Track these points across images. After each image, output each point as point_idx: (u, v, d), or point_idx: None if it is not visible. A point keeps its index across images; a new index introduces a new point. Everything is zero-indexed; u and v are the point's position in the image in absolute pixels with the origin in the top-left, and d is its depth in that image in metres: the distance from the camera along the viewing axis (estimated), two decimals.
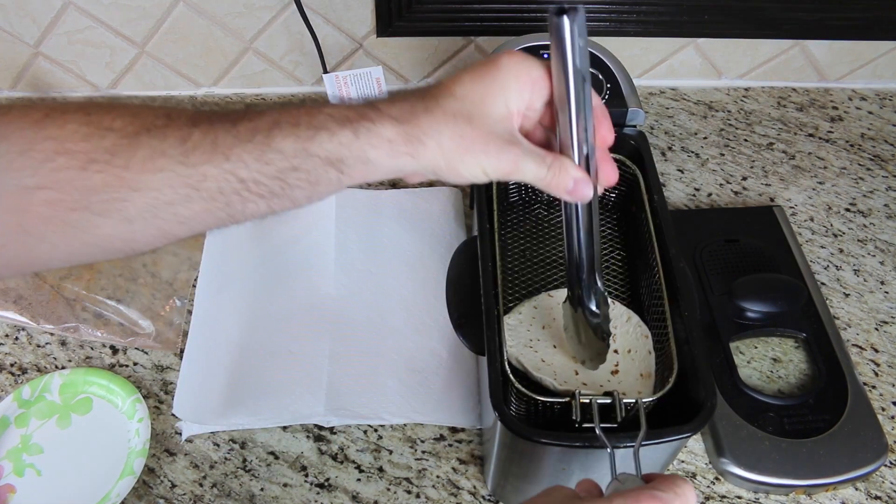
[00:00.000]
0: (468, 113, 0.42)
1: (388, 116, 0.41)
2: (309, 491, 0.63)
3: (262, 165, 0.40)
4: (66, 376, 0.68)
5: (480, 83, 0.42)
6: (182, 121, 0.41)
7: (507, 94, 0.42)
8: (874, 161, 0.89)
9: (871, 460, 0.62)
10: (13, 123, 0.39)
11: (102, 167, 0.39)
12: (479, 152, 0.42)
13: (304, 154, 0.41)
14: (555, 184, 0.44)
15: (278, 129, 0.40)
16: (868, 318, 0.74)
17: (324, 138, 0.41)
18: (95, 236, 0.41)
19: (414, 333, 0.71)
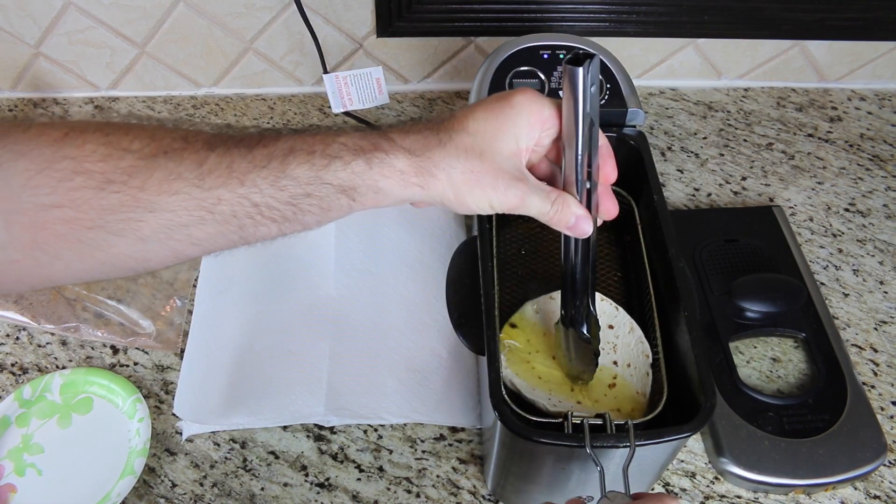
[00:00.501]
0: (480, 149, 0.43)
1: (401, 148, 0.43)
2: (309, 490, 0.63)
3: (276, 191, 0.41)
4: (67, 376, 0.68)
5: (494, 120, 0.44)
6: (199, 144, 0.41)
7: (517, 131, 0.44)
8: (873, 161, 0.89)
9: (870, 460, 0.62)
10: (33, 141, 0.39)
11: (119, 188, 0.40)
12: (488, 187, 0.44)
13: (318, 182, 0.42)
14: (556, 219, 0.46)
15: (293, 157, 0.41)
16: (867, 318, 0.74)
17: (337, 167, 0.42)
18: (110, 255, 0.41)
19: (414, 333, 0.71)
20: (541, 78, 0.68)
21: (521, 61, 0.69)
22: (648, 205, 0.63)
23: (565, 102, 0.43)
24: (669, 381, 0.54)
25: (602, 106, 0.67)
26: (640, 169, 0.65)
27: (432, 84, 0.96)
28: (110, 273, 0.43)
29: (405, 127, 0.45)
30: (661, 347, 0.57)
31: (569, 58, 0.41)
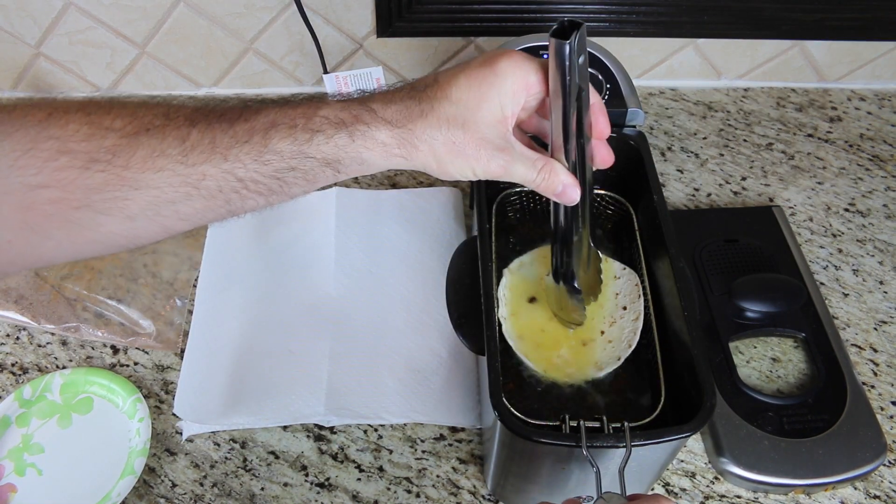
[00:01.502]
0: (462, 118, 0.43)
1: (383, 120, 0.42)
2: (309, 490, 0.63)
3: (260, 166, 0.41)
4: (67, 376, 0.68)
5: (477, 88, 0.43)
6: (180, 120, 0.41)
7: (502, 99, 0.43)
8: (873, 161, 0.89)
9: (869, 460, 0.62)
10: (17, 122, 0.39)
11: (104, 167, 0.40)
12: (471, 157, 0.43)
13: (301, 156, 0.42)
14: (544, 187, 0.46)
15: (275, 131, 0.41)
16: (867, 318, 0.74)
17: (320, 141, 0.42)
18: (99, 233, 0.41)
19: (414, 333, 0.71)
20: None
21: None
22: (648, 205, 0.63)
23: (552, 74, 0.42)
24: (669, 381, 0.55)
25: None
26: (640, 169, 0.65)
27: None
28: (102, 251, 0.43)
29: (387, 95, 0.44)
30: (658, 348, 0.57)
31: (554, 28, 0.40)
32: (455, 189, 0.83)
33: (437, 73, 0.45)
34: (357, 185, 0.85)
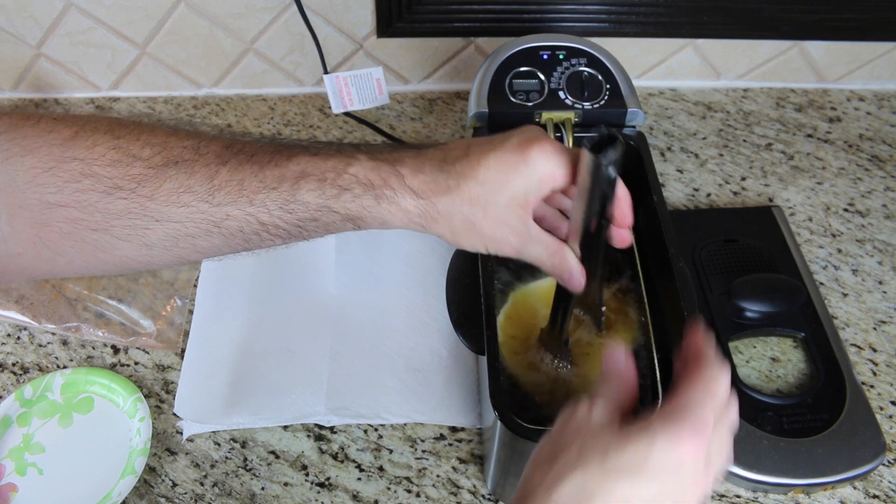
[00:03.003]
0: (485, 199, 0.43)
1: (410, 189, 0.43)
2: (309, 490, 0.63)
3: (285, 213, 0.42)
4: (68, 376, 0.68)
5: (505, 171, 0.43)
6: (210, 157, 0.41)
7: (528, 185, 0.43)
8: (872, 161, 0.89)
9: (869, 459, 0.62)
10: (41, 138, 0.39)
11: (127, 195, 0.40)
12: (486, 236, 0.44)
13: (327, 209, 0.42)
14: (552, 270, 0.46)
15: (305, 182, 0.41)
16: (866, 318, 0.74)
17: (347, 199, 0.42)
18: (113, 256, 0.41)
19: (414, 333, 0.71)
20: (541, 78, 0.68)
21: (521, 62, 0.69)
22: (648, 205, 0.63)
23: (582, 178, 0.42)
24: (668, 381, 0.55)
25: (602, 106, 0.67)
26: (639, 169, 0.65)
27: (432, 84, 0.97)
28: (112, 271, 0.43)
29: (417, 159, 0.44)
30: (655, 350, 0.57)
31: (593, 140, 0.39)
32: None
33: (470, 145, 0.44)
34: None
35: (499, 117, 0.67)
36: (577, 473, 0.34)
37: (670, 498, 0.34)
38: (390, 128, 0.92)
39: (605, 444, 0.35)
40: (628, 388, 0.40)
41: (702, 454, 0.34)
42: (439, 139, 0.91)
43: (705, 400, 0.36)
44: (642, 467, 0.34)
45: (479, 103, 0.68)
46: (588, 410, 0.38)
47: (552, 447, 0.37)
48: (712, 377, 0.37)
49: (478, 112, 0.67)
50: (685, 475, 0.34)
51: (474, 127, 0.69)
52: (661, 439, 0.34)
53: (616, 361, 0.41)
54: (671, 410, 0.36)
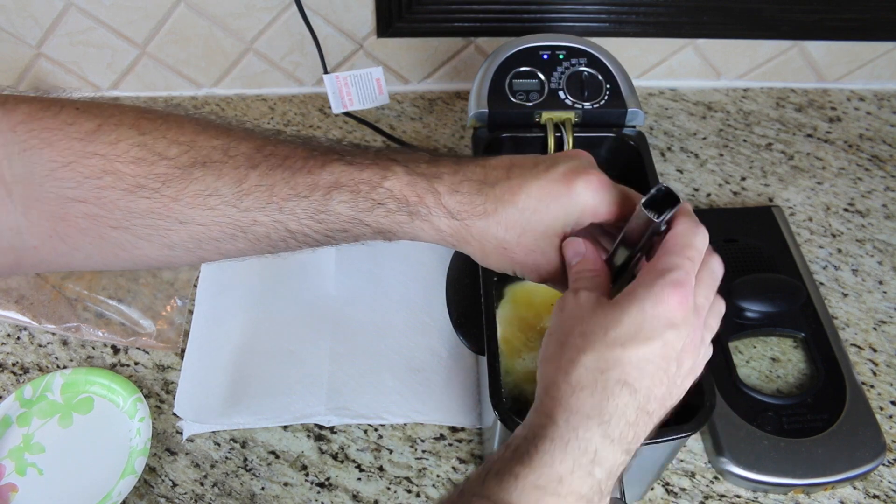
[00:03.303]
0: (521, 226, 0.42)
1: (445, 208, 0.41)
2: (309, 490, 0.63)
3: (314, 223, 0.40)
4: (68, 376, 0.68)
5: (546, 201, 0.41)
6: (240, 159, 0.40)
7: (567, 218, 0.42)
8: (872, 161, 0.89)
9: (869, 459, 0.62)
10: (62, 130, 0.38)
11: (150, 194, 0.38)
12: (517, 262, 0.43)
13: (358, 222, 0.41)
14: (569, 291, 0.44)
15: (338, 193, 0.40)
16: (866, 318, 0.74)
17: (380, 213, 0.41)
18: (133, 254, 0.40)
19: (414, 333, 0.71)
20: (541, 78, 0.68)
21: (521, 61, 0.69)
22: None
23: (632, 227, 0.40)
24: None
25: (602, 106, 0.67)
26: (639, 169, 0.65)
27: (432, 84, 0.96)
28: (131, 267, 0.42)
29: (456, 176, 0.42)
30: None
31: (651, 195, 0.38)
32: None
33: (512, 166, 0.43)
34: None
35: (499, 117, 0.67)
36: (587, 353, 0.37)
37: (674, 348, 0.37)
38: (390, 128, 0.92)
39: (603, 321, 0.37)
40: (599, 270, 0.41)
41: (688, 303, 0.36)
42: (439, 139, 0.91)
43: (682, 253, 0.37)
44: (640, 330, 0.36)
45: (479, 103, 0.68)
46: (575, 299, 0.39)
47: (556, 340, 0.39)
48: (684, 231, 0.38)
49: (478, 112, 0.67)
50: (681, 325, 0.36)
51: (474, 127, 0.69)
52: (649, 301, 0.36)
53: (576, 248, 0.42)
54: (651, 271, 0.37)
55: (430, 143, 0.90)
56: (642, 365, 0.36)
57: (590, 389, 0.36)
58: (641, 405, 0.37)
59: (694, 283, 0.37)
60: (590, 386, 0.36)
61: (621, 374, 0.36)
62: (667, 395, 0.38)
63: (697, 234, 0.38)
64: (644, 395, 0.36)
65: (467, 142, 0.90)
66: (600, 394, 0.36)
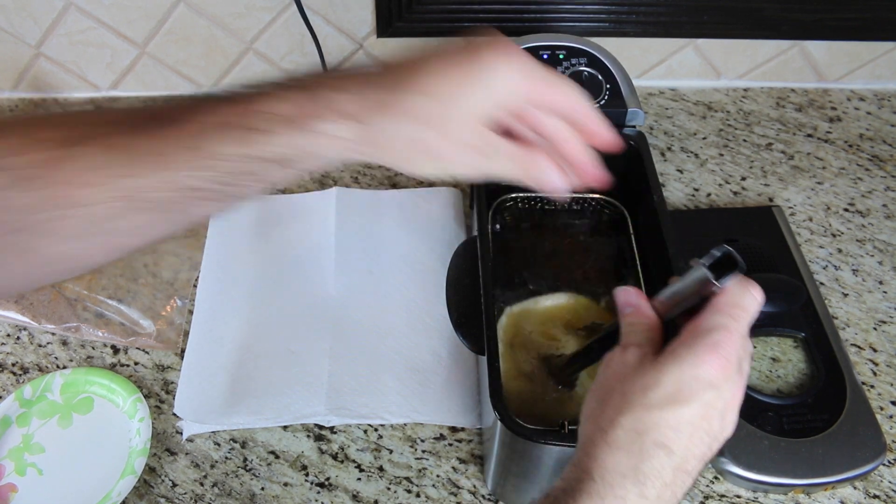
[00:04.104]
0: (431, 116, 0.37)
1: (338, 113, 0.37)
2: (309, 490, 0.63)
3: (205, 172, 0.37)
4: (68, 376, 0.68)
5: (455, 80, 0.37)
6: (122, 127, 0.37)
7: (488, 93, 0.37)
8: (872, 161, 0.89)
9: (869, 459, 0.62)
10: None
11: (38, 184, 0.36)
12: (444, 160, 0.39)
13: (250, 158, 0.37)
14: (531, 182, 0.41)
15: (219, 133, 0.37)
16: (867, 318, 0.74)
17: (269, 140, 0.37)
18: (44, 256, 0.38)
19: (414, 333, 0.71)
20: None
21: None
22: (648, 205, 0.63)
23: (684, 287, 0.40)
24: None
25: (602, 106, 0.67)
26: (639, 169, 0.65)
27: None
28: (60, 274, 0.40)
29: (345, 80, 0.38)
30: None
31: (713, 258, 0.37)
32: (455, 189, 0.83)
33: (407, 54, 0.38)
34: (357, 185, 0.85)
35: None
36: (625, 414, 0.37)
37: (716, 409, 0.37)
38: None
39: (644, 382, 0.37)
40: (651, 324, 0.41)
41: (730, 365, 0.36)
42: None
43: (728, 312, 0.37)
44: (679, 392, 0.36)
45: None
46: (621, 356, 0.39)
47: (599, 398, 0.39)
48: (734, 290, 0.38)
49: None
50: (721, 387, 0.36)
51: None
52: (688, 362, 0.36)
53: (628, 298, 0.42)
54: (693, 330, 0.37)
55: None
56: (680, 427, 0.36)
57: (626, 450, 0.36)
58: (679, 465, 0.36)
59: (738, 342, 0.37)
60: (626, 447, 0.36)
61: (658, 436, 0.36)
62: (706, 452, 0.38)
63: (747, 294, 0.38)
64: (681, 455, 0.36)
65: None
66: (637, 455, 0.36)
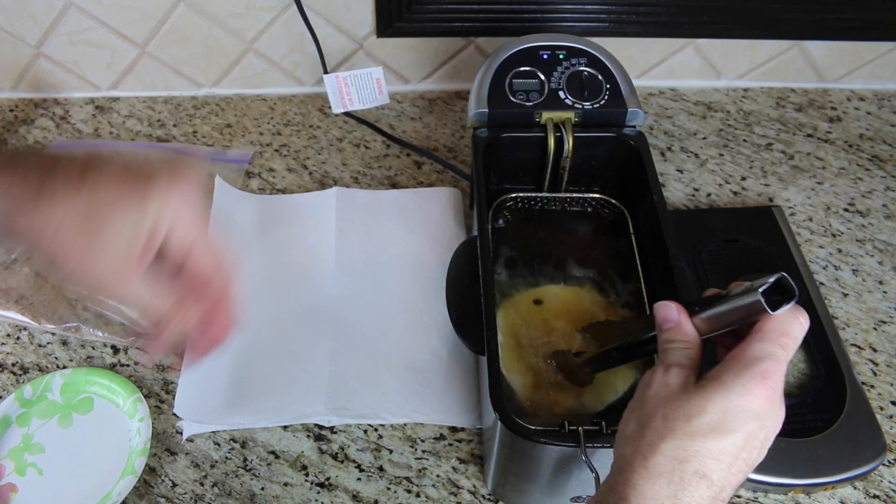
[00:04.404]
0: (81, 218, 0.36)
1: None
2: (309, 490, 0.63)
3: None
4: (68, 376, 0.68)
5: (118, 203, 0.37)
6: None
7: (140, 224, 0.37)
8: (872, 161, 0.89)
9: (869, 459, 0.62)
10: None
11: None
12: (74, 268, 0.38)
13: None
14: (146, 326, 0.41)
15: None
16: (867, 318, 0.74)
17: None
18: None
19: (414, 333, 0.71)
20: (541, 78, 0.68)
21: (521, 61, 0.69)
22: (648, 205, 0.63)
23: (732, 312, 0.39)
24: None
25: (602, 106, 0.67)
26: (639, 169, 0.65)
27: (432, 84, 0.96)
28: None
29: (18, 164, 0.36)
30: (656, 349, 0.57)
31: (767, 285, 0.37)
32: (455, 189, 0.83)
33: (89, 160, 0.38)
34: (357, 185, 0.85)
35: (499, 117, 0.67)
36: (667, 440, 0.36)
37: (757, 439, 0.37)
38: (390, 128, 0.92)
39: (686, 407, 0.37)
40: (692, 344, 0.40)
41: (776, 395, 0.36)
42: (439, 139, 0.91)
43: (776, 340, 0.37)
44: (724, 423, 0.36)
45: (479, 103, 0.67)
46: (664, 377, 0.39)
47: (639, 419, 0.39)
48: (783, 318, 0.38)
49: (478, 112, 0.67)
50: (766, 418, 0.36)
51: (474, 127, 0.69)
52: (735, 391, 0.36)
53: (667, 314, 0.41)
54: (740, 358, 0.37)
55: (430, 143, 0.90)
56: (721, 457, 0.36)
57: (666, 478, 0.36)
58: (716, 495, 0.36)
59: (784, 372, 0.37)
60: (667, 475, 0.36)
61: (699, 465, 0.36)
62: (742, 480, 0.38)
63: (795, 323, 0.38)
64: (720, 485, 0.36)
65: (467, 142, 0.90)
66: (676, 484, 0.36)
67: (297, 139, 0.90)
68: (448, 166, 0.85)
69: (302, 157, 0.88)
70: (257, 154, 0.89)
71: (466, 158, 0.88)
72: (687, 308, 0.42)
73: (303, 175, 0.86)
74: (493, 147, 0.67)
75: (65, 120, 0.93)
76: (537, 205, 0.71)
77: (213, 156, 0.87)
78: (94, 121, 0.93)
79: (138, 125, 0.92)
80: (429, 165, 0.87)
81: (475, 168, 0.66)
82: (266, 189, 0.85)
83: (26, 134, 0.91)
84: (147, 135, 0.91)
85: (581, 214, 0.70)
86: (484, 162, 0.66)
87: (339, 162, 0.88)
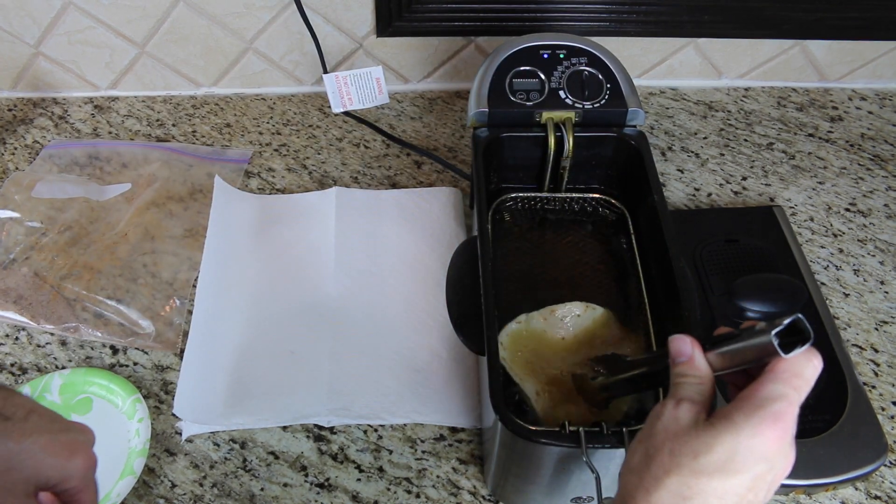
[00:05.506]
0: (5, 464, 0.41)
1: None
2: (309, 491, 0.63)
3: None
4: (67, 376, 0.68)
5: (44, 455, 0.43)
6: None
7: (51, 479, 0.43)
8: (874, 161, 0.89)
9: (870, 460, 0.62)
10: None
11: None
12: None
13: None
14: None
15: None
16: (868, 318, 0.74)
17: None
18: None
19: (414, 333, 0.71)
20: (541, 78, 0.68)
21: (521, 61, 0.69)
22: (648, 205, 0.63)
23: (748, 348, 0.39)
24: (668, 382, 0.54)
25: (602, 106, 0.67)
26: (640, 169, 0.65)
27: (432, 84, 0.96)
28: None
29: None
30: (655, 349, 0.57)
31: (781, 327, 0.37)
32: (455, 189, 0.83)
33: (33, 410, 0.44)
34: (357, 185, 0.85)
35: (499, 117, 0.67)
36: (672, 476, 0.36)
37: (765, 481, 0.36)
38: (390, 127, 0.91)
39: (695, 446, 0.36)
40: (705, 379, 0.40)
41: (787, 437, 0.35)
42: (439, 139, 0.90)
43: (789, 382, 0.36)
44: (732, 463, 0.35)
45: (479, 103, 0.67)
46: (674, 411, 0.39)
47: (644, 451, 0.38)
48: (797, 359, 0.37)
49: (478, 111, 0.67)
50: (775, 461, 0.36)
51: (474, 126, 0.68)
52: (745, 432, 0.35)
53: (681, 347, 0.41)
54: (751, 398, 0.36)
55: (430, 143, 0.90)
56: (726, 497, 0.35)
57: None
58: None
59: (796, 414, 0.36)
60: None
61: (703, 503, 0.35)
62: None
63: (809, 365, 0.37)
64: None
65: (467, 141, 0.90)
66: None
67: (297, 139, 0.90)
68: (448, 166, 0.85)
69: (301, 157, 0.88)
70: (256, 154, 0.88)
71: (466, 158, 0.88)
72: (700, 344, 0.42)
73: (302, 175, 0.86)
74: (494, 147, 0.67)
75: (63, 119, 0.92)
76: (537, 204, 0.70)
77: (212, 155, 0.87)
78: (92, 120, 0.92)
79: (137, 125, 0.92)
80: (429, 165, 0.87)
81: (475, 168, 0.65)
82: (265, 189, 0.85)
83: (25, 134, 0.91)
84: (146, 134, 0.91)
85: (581, 214, 0.70)
86: (484, 162, 0.66)
87: (338, 162, 0.88)
